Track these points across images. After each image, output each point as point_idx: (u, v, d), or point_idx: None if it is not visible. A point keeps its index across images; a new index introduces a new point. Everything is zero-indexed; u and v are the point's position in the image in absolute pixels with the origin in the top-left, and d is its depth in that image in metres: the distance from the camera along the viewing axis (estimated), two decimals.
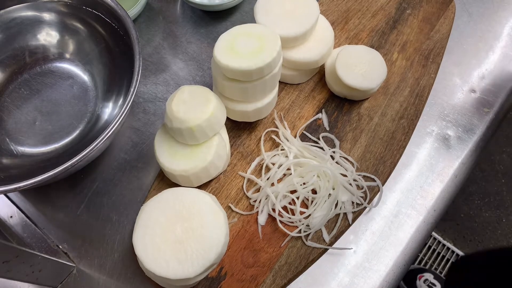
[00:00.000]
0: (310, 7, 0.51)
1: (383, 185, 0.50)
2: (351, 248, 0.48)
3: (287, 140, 0.51)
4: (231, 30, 0.46)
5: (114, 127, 0.42)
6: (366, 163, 0.51)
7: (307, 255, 0.46)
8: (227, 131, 0.51)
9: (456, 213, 1.26)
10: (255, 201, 0.49)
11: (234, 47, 0.44)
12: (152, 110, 0.56)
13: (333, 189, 0.48)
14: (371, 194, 0.49)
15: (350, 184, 0.48)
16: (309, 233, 0.47)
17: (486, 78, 0.59)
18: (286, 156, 0.50)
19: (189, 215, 0.41)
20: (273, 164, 0.50)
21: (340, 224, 0.48)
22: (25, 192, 0.52)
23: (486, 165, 1.32)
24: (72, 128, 0.52)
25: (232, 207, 0.48)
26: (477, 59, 0.60)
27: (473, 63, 0.60)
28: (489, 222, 1.24)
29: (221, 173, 0.50)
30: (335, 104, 0.55)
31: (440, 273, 1.13)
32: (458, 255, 1.16)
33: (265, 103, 0.48)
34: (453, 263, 0.77)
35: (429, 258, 1.15)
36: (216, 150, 0.46)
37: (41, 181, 0.40)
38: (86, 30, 0.55)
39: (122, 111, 0.43)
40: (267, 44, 0.44)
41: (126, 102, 0.44)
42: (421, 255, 1.15)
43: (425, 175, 0.52)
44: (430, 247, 1.17)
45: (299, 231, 0.46)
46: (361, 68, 0.52)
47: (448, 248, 1.17)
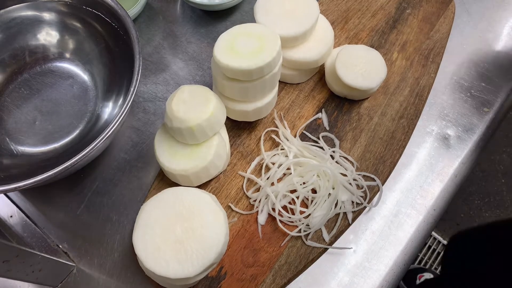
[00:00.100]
0: (310, 7, 0.51)
1: (383, 184, 0.50)
2: (351, 248, 0.48)
3: (287, 140, 0.51)
4: (231, 30, 0.46)
5: (114, 126, 0.42)
6: (366, 163, 0.51)
7: (307, 255, 0.46)
8: (227, 130, 0.51)
9: (456, 213, 1.26)
10: (255, 200, 0.49)
11: (234, 47, 0.44)
12: (152, 109, 0.56)
13: (333, 188, 0.48)
14: (371, 193, 0.49)
15: (350, 183, 0.48)
16: (309, 233, 0.47)
17: (486, 77, 0.59)
18: (286, 156, 0.50)
19: (189, 214, 0.41)
20: (273, 163, 0.50)
21: (340, 223, 0.48)
22: (25, 191, 0.52)
23: (486, 165, 1.32)
24: (72, 127, 0.52)
25: (232, 206, 0.48)
26: (477, 59, 0.60)
27: (473, 62, 0.60)
28: None
29: (221, 173, 0.50)
30: (335, 104, 0.55)
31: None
32: None
33: (265, 103, 0.48)
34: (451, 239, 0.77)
35: (429, 258, 1.15)
36: (216, 150, 0.46)
37: (41, 181, 0.40)
38: (86, 29, 0.55)
39: (122, 110, 0.43)
40: (267, 44, 0.44)
41: (126, 102, 0.44)
42: (421, 255, 1.15)
43: (425, 175, 0.52)
44: (430, 247, 1.17)
45: (299, 231, 0.46)
46: (361, 67, 0.52)
47: None
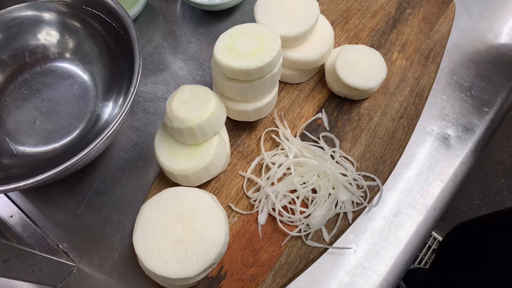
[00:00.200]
0: (310, 7, 0.51)
1: (383, 184, 0.50)
2: (351, 248, 0.48)
3: (287, 140, 0.51)
4: (231, 30, 0.46)
5: (114, 126, 0.42)
6: (366, 163, 0.51)
7: (307, 255, 0.46)
8: (227, 130, 0.51)
9: (456, 213, 1.26)
10: (255, 200, 0.49)
11: (234, 47, 0.44)
12: (152, 109, 0.56)
13: (333, 188, 0.48)
14: (371, 193, 0.49)
15: (350, 183, 0.48)
16: (309, 233, 0.47)
17: (486, 77, 0.59)
18: (286, 156, 0.50)
19: (189, 214, 0.41)
20: (273, 163, 0.50)
21: (340, 223, 0.48)
22: (25, 191, 0.52)
23: (486, 165, 1.32)
24: (72, 127, 0.52)
25: (232, 206, 0.48)
26: (477, 59, 0.60)
27: (473, 62, 0.60)
28: None
29: (221, 173, 0.50)
30: (335, 104, 0.55)
31: None
32: None
33: (265, 103, 0.48)
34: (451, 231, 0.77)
35: (429, 258, 1.15)
36: (216, 150, 0.46)
37: (41, 181, 0.40)
38: (86, 29, 0.55)
39: (122, 110, 0.43)
40: (267, 44, 0.44)
41: (126, 102, 0.44)
42: (421, 255, 1.15)
43: (425, 175, 0.52)
44: (430, 247, 1.17)
45: (299, 231, 0.46)
46: (361, 67, 0.52)
47: None
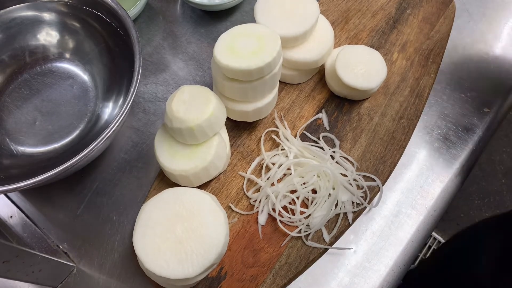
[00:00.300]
0: (310, 7, 0.51)
1: (383, 185, 0.50)
2: (351, 248, 0.48)
3: (287, 140, 0.51)
4: (231, 30, 0.46)
5: (114, 127, 0.42)
6: (366, 163, 0.51)
7: (307, 255, 0.46)
8: (227, 131, 0.51)
9: (456, 213, 1.26)
10: (255, 201, 0.49)
11: (234, 47, 0.44)
12: (152, 110, 0.56)
13: (333, 189, 0.48)
14: (371, 194, 0.49)
15: (350, 184, 0.48)
16: (309, 233, 0.47)
17: (486, 77, 0.59)
18: (286, 156, 0.50)
19: (189, 215, 0.41)
20: (273, 164, 0.50)
21: (340, 224, 0.48)
22: (25, 192, 0.52)
23: (486, 165, 1.32)
24: (72, 128, 0.52)
25: (232, 207, 0.48)
26: (477, 59, 0.60)
27: (473, 62, 0.60)
28: None
29: (221, 173, 0.50)
30: (335, 104, 0.55)
31: None
32: None
33: (265, 103, 0.48)
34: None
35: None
36: (216, 150, 0.46)
37: (41, 181, 0.40)
38: (86, 30, 0.55)
39: (122, 111, 0.43)
40: (267, 44, 0.44)
41: (126, 102, 0.44)
42: (421, 255, 1.15)
43: (425, 175, 0.52)
44: (430, 247, 1.17)
45: (299, 231, 0.46)
46: (361, 68, 0.52)
47: None
